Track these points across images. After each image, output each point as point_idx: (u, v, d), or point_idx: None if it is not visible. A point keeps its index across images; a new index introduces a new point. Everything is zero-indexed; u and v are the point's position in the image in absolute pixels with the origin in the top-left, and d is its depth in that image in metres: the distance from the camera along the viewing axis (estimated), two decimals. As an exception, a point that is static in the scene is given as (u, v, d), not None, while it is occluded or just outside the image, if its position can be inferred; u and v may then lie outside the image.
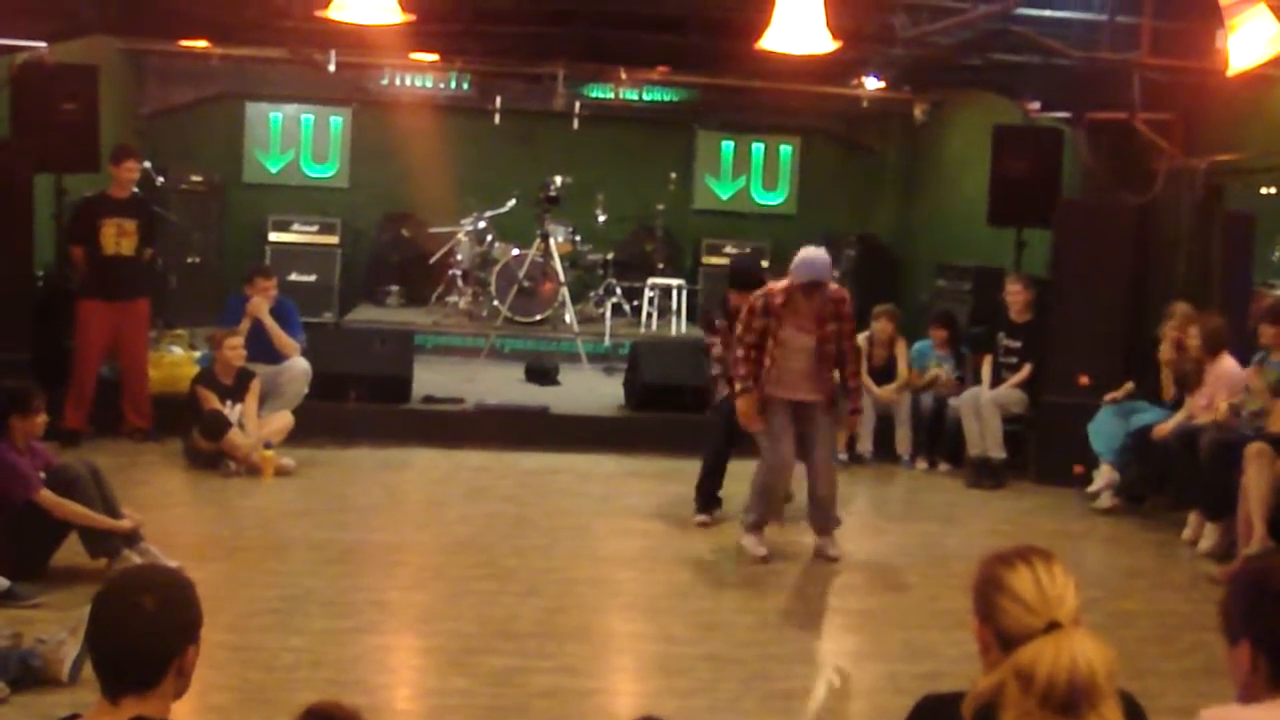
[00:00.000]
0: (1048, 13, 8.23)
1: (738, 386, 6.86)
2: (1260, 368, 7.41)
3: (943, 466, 9.41)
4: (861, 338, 9.38)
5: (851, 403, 6.98)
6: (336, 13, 6.96)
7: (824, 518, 6.99)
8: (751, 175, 15.08)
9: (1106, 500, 8.28)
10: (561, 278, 12.46)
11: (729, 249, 14.01)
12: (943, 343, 9.86)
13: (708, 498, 7.57)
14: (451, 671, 5.06)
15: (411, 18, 7.15)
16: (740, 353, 6.81)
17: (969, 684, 2.18)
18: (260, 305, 8.98)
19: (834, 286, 6.85)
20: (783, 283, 6.79)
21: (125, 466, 7.96)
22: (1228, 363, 7.80)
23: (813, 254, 6.69)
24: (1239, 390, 7.53)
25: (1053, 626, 2.12)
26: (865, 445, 9.39)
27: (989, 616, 2.24)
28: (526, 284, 12.48)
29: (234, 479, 8.09)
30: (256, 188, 14.10)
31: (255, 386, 8.52)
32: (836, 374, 6.86)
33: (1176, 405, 8.05)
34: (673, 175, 14.13)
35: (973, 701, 2.13)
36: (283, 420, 8.67)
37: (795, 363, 6.80)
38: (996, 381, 9.24)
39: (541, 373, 11.21)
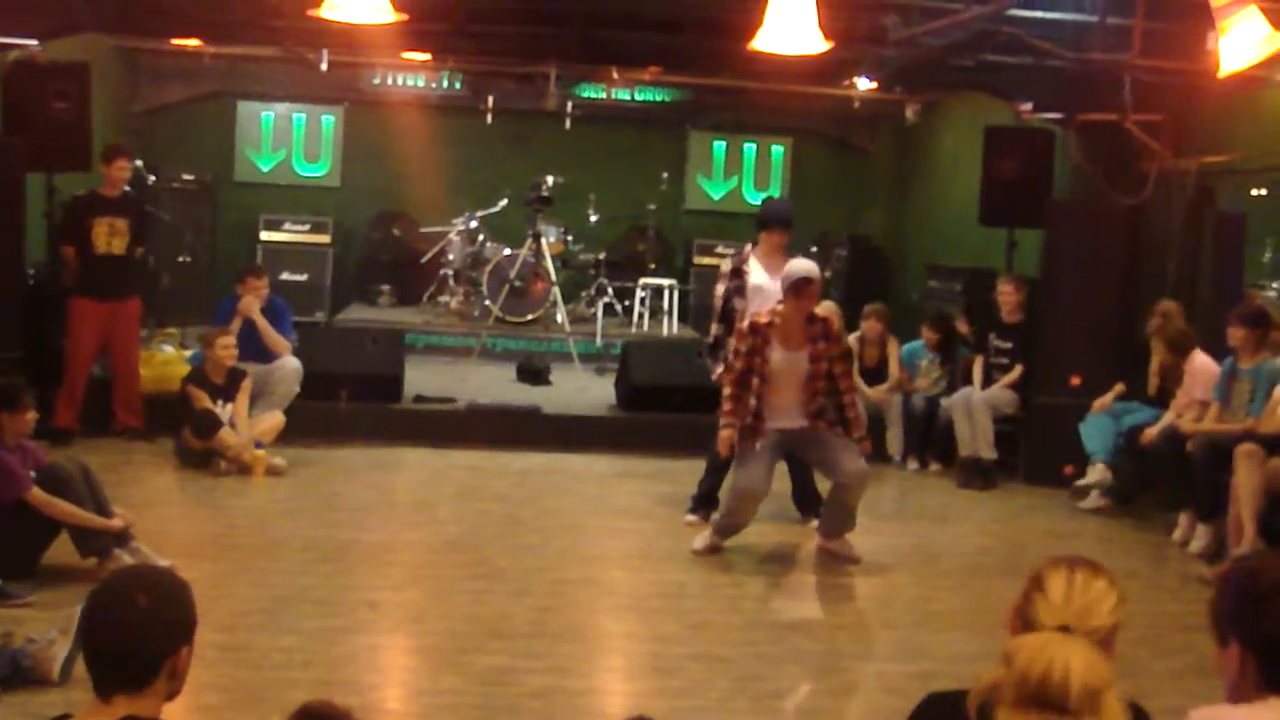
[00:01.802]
0: (1039, 14, 8.24)
1: (720, 421, 6.80)
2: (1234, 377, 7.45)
3: (934, 467, 9.43)
4: (852, 338, 9.40)
5: (855, 430, 6.84)
6: (329, 12, 6.94)
7: (838, 523, 6.88)
8: (743, 175, 15.09)
9: (1095, 500, 8.30)
10: (553, 277, 12.45)
11: (720, 249, 13.95)
12: (934, 345, 9.86)
13: (703, 499, 7.54)
14: (443, 671, 5.07)
15: (404, 17, 7.14)
16: (726, 390, 6.78)
17: (973, 682, 2.18)
18: (252, 304, 8.96)
19: (819, 310, 6.83)
20: (768, 308, 6.79)
21: (116, 465, 7.94)
22: (1200, 359, 7.84)
23: (797, 260, 6.81)
24: (1213, 385, 7.58)
25: (1063, 630, 2.13)
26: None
27: (1023, 609, 2.28)
28: (518, 284, 12.47)
29: (225, 478, 8.09)
30: (248, 186, 14.07)
31: (246, 385, 8.49)
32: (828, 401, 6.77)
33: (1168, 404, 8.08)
34: (664, 175, 14.13)
35: (977, 696, 2.13)
36: (274, 419, 8.66)
37: (782, 396, 6.69)
38: (988, 382, 9.26)
39: (533, 373, 11.19)
